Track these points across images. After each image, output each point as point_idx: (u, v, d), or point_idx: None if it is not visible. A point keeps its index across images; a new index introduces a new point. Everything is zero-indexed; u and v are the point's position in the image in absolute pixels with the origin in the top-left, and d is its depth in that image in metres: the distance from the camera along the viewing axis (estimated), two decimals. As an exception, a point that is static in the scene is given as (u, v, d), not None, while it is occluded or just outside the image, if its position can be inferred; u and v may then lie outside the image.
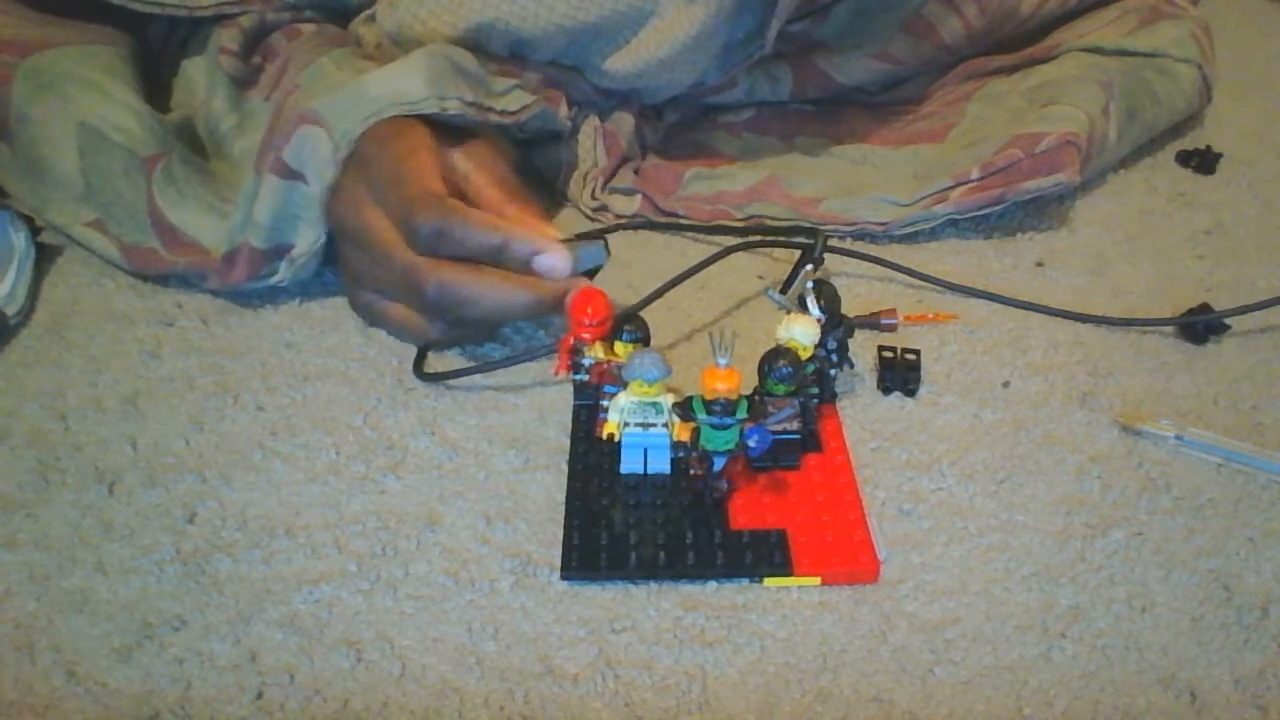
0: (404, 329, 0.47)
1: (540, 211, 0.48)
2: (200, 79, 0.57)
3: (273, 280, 0.50)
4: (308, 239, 0.49)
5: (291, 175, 0.47)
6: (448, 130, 0.48)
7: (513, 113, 0.51)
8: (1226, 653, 0.36)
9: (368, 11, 0.59)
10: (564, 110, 0.58)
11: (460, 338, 0.48)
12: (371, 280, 0.47)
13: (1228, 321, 0.51)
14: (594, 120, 0.61)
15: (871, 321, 0.51)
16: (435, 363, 0.49)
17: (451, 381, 0.47)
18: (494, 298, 0.44)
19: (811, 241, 0.50)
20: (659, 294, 0.49)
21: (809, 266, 0.48)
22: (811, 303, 0.44)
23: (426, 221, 0.43)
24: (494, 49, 0.56)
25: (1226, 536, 0.41)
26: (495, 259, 0.44)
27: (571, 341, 0.43)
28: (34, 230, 0.54)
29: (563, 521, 0.40)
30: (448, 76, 0.48)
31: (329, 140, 0.46)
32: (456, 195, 0.45)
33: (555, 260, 0.44)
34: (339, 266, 0.50)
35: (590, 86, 0.60)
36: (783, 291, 0.47)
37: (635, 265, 0.56)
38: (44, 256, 0.54)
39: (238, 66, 0.56)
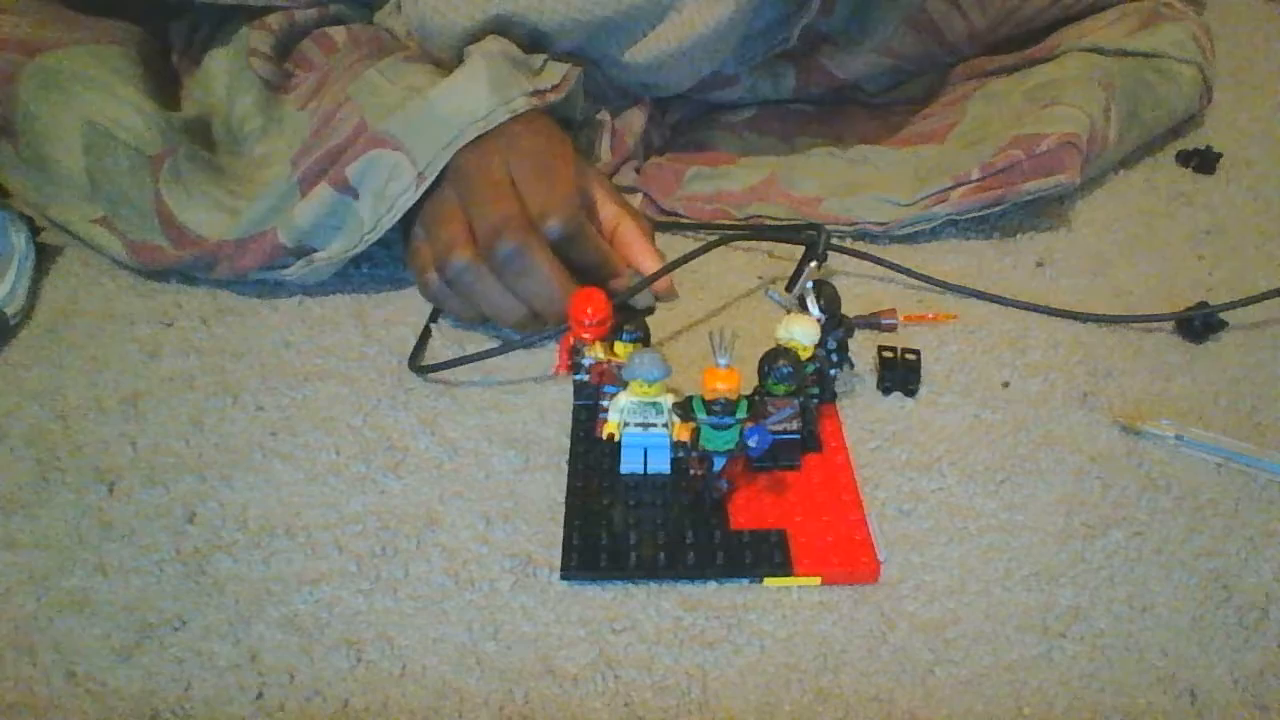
0: (487, 303, 0.48)
1: (647, 230, 0.53)
2: (221, 77, 0.57)
3: (282, 274, 0.50)
4: (336, 248, 0.50)
5: (347, 190, 0.49)
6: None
7: (556, 86, 0.52)
8: (1226, 653, 0.36)
9: (394, 1, 0.59)
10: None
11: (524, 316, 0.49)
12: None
13: (1225, 318, 0.51)
14: (605, 116, 0.61)
15: (871, 321, 0.51)
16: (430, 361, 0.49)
17: (451, 381, 0.47)
18: (554, 287, 0.46)
19: (815, 236, 0.50)
20: (646, 283, 0.49)
21: (814, 263, 0.48)
22: (811, 303, 0.44)
23: (561, 226, 0.47)
24: (514, 39, 0.56)
25: (1226, 536, 0.41)
26: (597, 273, 0.49)
27: (571, 341, 0.43)
28: (34, 230, 0.54)
29: (563, 521, 0.40)
30: (507, 73, 0.50)
31: (412, 168, 0.48)
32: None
33: (647, 301, 0.51)
34: (411, 262, 0.51)
35: (605, 81, 0.60)
36: (788, 288, 0.47)
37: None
38: (44, 256, 0.54)
39: (270, 70, 0.56)
